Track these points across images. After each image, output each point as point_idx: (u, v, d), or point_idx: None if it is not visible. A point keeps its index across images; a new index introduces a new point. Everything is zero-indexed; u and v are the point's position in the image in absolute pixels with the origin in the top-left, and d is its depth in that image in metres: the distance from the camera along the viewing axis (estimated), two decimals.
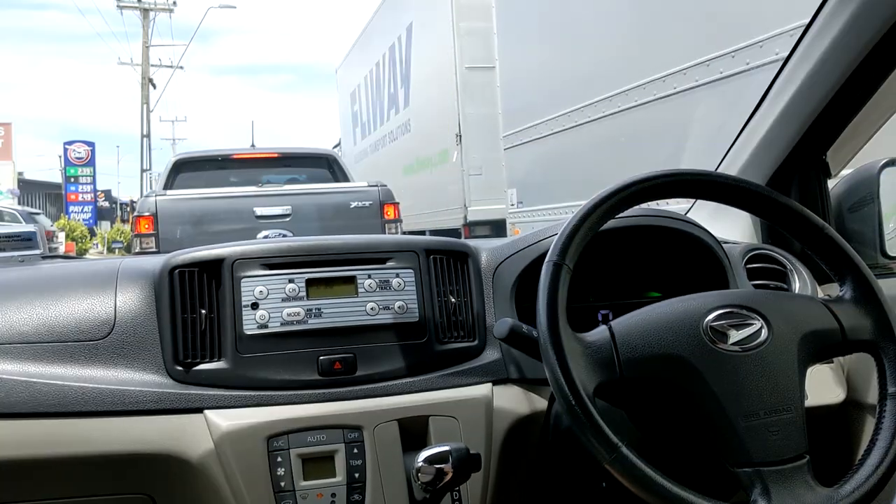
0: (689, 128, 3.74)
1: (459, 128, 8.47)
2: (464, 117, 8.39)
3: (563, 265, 0.90)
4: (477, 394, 1.12)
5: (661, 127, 3.95)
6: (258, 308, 1.09)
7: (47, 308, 1.08)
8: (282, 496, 1.00)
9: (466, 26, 8.20)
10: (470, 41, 8.17)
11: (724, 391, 0.87)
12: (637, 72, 4.06)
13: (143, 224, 5.31)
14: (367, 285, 1.14)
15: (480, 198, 8.31)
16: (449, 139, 8.71)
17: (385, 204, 5.71)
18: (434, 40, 9.06)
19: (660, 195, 0.97)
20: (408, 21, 10.14)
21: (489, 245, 1.28)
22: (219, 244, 1.16)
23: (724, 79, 3.49)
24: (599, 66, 4.57)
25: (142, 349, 1.06)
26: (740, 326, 0.91)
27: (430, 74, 9.34)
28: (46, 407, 0.99)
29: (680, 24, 3.82)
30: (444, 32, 8.58)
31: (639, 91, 4.04)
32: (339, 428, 1.05)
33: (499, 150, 7.02)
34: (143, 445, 1.00)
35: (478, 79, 8.04)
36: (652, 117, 3.96)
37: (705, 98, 3.63)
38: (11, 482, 1.00)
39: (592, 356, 0.89)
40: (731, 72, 3.45)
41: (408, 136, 10.68)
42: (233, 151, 6.74)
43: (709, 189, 1.00)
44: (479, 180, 8.30)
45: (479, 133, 8.11)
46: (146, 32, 25.56)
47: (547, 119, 5.51)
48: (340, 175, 6.64)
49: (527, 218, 6.22)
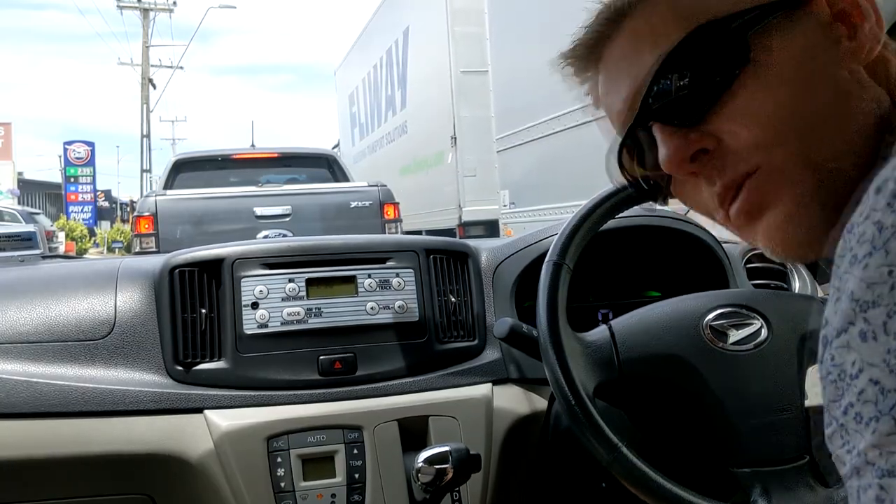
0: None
1: (454, 130, 8.57)
2: (459, 120, 8.49)
3: (563, 265, 0.90)
4: (477, 394, 1.12)
5: None
6: (258, 308, 1.09)
7: (47, 308, 1.08)
8: (282, 496, 1.00)
9: (461, 31, 8.30)
10: (464, 45, 8.27)
11: (723, 391, 0.87)
12: None
13: (143, 224, 5.30)
14: (367, 285, 1.14)
15: (475, 199, 8.42)
16: (444, 141, 8.81)
17: (385, 204, 5.70)
18: (430, 44, 9.16)
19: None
20: (405, 25, 10.24)
21: (489, 245, 1.28)
22: (219, 244, 1.16)
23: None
24: None
25: (142, 349, 1.06)
26: (740, 326, 0.91)
27: (426, 77, 9.45)
28: (47, 407, 0.99)
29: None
30: (439, 37, 8.68)
31: None
32: (339, 428, 1.05)
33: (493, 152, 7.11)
34: (143, 445, 1.00)
35: (472, 82, 8.13)
36: None
37: None
38: (11, 482, 1.00)
39: (592, 356, 0.89)
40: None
41: (405, 138, 10.79)
42: (233, 151, 6.74)
43: None
44: (474, 181, 8.42)
45: (474, 135, 8.21)
46: (146, 32, 25.57)
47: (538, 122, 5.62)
48: (340, 175, 6.64)
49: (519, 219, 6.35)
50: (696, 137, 0.54)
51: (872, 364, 0.34)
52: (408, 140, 10.63)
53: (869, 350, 0.35)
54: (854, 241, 0.37)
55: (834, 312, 0.38)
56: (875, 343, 0.34)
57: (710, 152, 0.54)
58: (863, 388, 0.35)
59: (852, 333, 0.36)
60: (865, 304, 0.35)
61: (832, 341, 0.37)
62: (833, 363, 0.37)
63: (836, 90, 0.52)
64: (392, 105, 11.35)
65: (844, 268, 0.38)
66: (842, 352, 0.36)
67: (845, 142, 0.51)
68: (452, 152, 8.70)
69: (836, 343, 0.37)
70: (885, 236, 0.35)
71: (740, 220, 0.55)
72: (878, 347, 0.34)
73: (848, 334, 0.36)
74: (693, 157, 0.54)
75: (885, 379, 0.34)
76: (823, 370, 0.38)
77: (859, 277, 0.36)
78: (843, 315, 0.37)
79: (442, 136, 8.83)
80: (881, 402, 0.34)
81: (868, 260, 0.36)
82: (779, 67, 0.51)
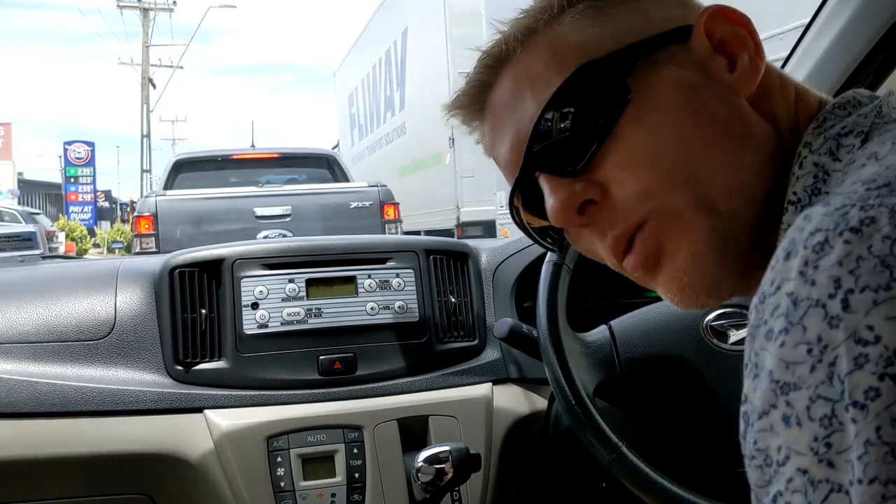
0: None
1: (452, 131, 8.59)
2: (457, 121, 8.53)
3: (563, 265, 0.90)
4: (477, 393, 1.12)
5: None
6: (258, 308, 1.09)
7: (47, 308, 1.08)
8: (282, 496, 1.00)
9: (459, 32, 8.38)
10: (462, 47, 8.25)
11: (724, 390, 0.87)
12: None
13: (143, 224, 5.31)
14: (367, 285, 1.14)
15: (473, 199, 8.54)
16: (442, 142, 8.90)
17: (385, 204, 5.71)
18: (428, 45, 9.26)
19: None
20: (403, 26, 10.35)
21: (489, 245, 1.28)
22: (219, 244, 1.16)
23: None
24: None
25: (142, 349, 1.06)
26: (740, 326, 0.91)
27: (425, 79, 9.54)
28: (47, 407, 0.99)
29: None
30: (437, 38, 8.80)
31: None
32: (339, 428, 1.05)
33: None
34: (143, 445, 1.00)
35: None
36: None
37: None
38: (11, 482, 1.00)
39: (592, 356, 0.89)
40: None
41: (403, 139, 10.90)
42: (233, 151, 6.74)
43: None
44: (472, 182, 8.52)
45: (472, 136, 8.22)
46: (146, 32, 25.57)
47: None
48: (340, 175, 6.64)
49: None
50: (582, 188, 0.51)
51: (799, 452, 0.32)
52: (406, 141, 10.72)
53: (794, 437, 0.32)
54: (768, 313, 0.35)
55: (753, 390, 0.36)
56: (800, 429, 0.32)
57: (598, 203, 0.51)
58: (791, 477, 0.32)
59: (774, 417, 0.34)
60: (787, 387, 0.33)
61: (753, 424, 0.35)
62: (756, 447, 0.35)
63: (721, 127, 0.50)
64: (391, 106, 11.44)
65: (760, 342, 0.35)
66: (765, 435, 0.34)
67: (737, 180, 0.49)
68: (450, 153, 8.78)
69: (757, 426, 0.35)
70: (800, 311, 0.33)
71: (637, 272, 0.53)
72: (802, 435, 0.32)
73: (770, 417, 0.34)
74: (580, 209, 0.52)
75: (813, 468, 0.32)
76: (747, 451, 0.36)
77: (777, 356, 0.34)
78: (764, 396, 0.34)
79: (440, 137, 8.90)
80: (811, 494, 0.31)
81: (784, 337, 0.33)
82: (660, 108, 0.50)
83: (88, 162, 25.82)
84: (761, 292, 0.36)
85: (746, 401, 0.36)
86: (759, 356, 0.35)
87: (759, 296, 0.36)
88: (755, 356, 0.36)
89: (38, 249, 1.46)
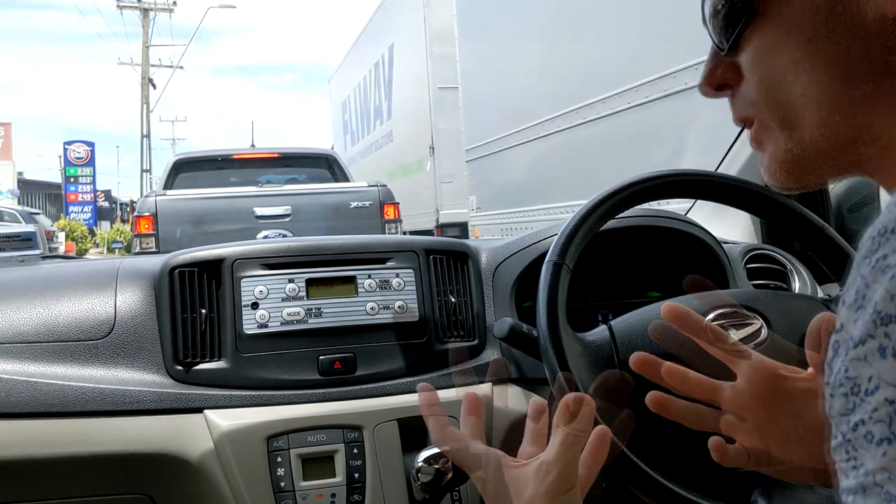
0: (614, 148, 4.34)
1: (433, 140, 9.33)
2: (436, 131, 9.27)
3: (563, 265, 0.90)
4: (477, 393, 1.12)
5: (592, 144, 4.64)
6: (258, 308, 1.09)
7: (47, 308, 1.08)
8: (282, 496, 1.00)
9: (438, 50, 8.94)
10: (441, 64, 8.90)
11: None
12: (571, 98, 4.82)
13: (143, 224, 5.31)
14: (366, 285, 1.14)
15: (451, 202, 9.14)
16: (424, 150, 9.56)
17: (385, 204, 5.71)
18: (411, 61, 9.95)
19: (660, 195, 0.97)
20: (390, 41, 11.03)
21: (489, 245, 1.28)
22: (219, 244, 1.16)
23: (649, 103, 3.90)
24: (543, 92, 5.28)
25: (142, 349, 1.06)
26: (740, 326, 0.91)
27: (409, 91, 10.27)
28: (47, 407, 0.99)
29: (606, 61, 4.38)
30: (419, 55, 9.44)
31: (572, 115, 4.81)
32: (339, 428, 1.05)
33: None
34: (142, 445, 1.00)
35: (448, 97, 8.74)
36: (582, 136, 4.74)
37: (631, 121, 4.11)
38: (11, 482, 1.00)
39: (592, 356, 0.89)
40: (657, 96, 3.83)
41: (391, 146, 11.62)
42: (233, 151, 6.74)
43: (709, 189, 1.00)
44: (450, 187, 9.11)
45: (450, 145, 8.80)
46: (146, 32, 25.57)
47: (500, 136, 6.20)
48: (340, 175, 6.65)
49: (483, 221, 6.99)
50: (722, 70, 0.54)
51: (889, 383, 0.33)
52: (393, 147, 11.46)
53: (887, 367, 0.33)
54: (889, 247, 0.35)
55: (853, 320, 0.36)
56: (894, 361, 0.33)
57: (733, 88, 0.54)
58: (877, 407, 0.33)
59: (870, 347, 0.34)
60: (888, 318, 0.33)
61: (848, 352, 0.35)
62: (846, 374, 0.35)
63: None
64: (380, 115, 12.24)
65: (874, 274, 0.35)
66: (858, 364, 0.34)
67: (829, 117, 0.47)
68: (431, 160, 9.46)
69: (852, 354, 0.35)
70: None
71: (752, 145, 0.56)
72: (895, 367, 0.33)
73: (866, 347, 0.34)
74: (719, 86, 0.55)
75: None
76: (834, 379, 0.36)
77: (886, 289, 0.34)
78: (864, 325, 0.34)
79: (422, 145, 9.59)
80: (894, 424, 0.32)
81: None
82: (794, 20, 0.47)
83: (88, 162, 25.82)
84: (882, 225, 0.36)
85: (841, 330, 0.37)
86: (870, 288, 0.35)
87: (881, 228, 0.36)
88: (865, 287, 0.36)
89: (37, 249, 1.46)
